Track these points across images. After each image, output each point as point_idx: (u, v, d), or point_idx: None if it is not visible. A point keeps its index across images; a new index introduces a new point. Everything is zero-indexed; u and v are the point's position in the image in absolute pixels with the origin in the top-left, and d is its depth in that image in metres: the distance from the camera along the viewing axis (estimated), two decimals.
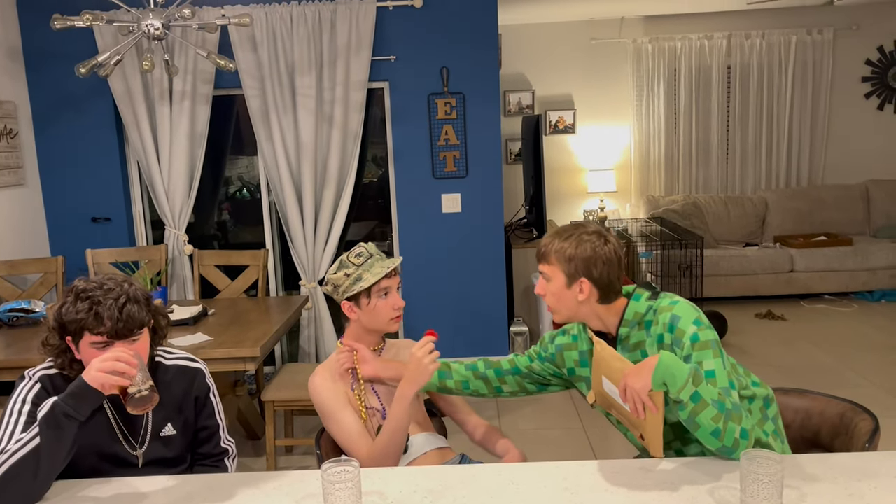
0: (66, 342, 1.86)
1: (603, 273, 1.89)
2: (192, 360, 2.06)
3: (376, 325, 2.14)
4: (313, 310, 4.90)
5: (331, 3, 4.60)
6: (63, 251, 4.88)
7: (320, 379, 2.12)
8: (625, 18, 6.94)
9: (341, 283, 2.11)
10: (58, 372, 1.90)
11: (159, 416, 1.97)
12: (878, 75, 6.98)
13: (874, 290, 6.36)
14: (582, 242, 1.89)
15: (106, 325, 1.78)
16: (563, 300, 1.93)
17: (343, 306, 2.13)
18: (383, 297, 2.12)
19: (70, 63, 4.72)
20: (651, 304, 1.91)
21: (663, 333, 1.85)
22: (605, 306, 1.93)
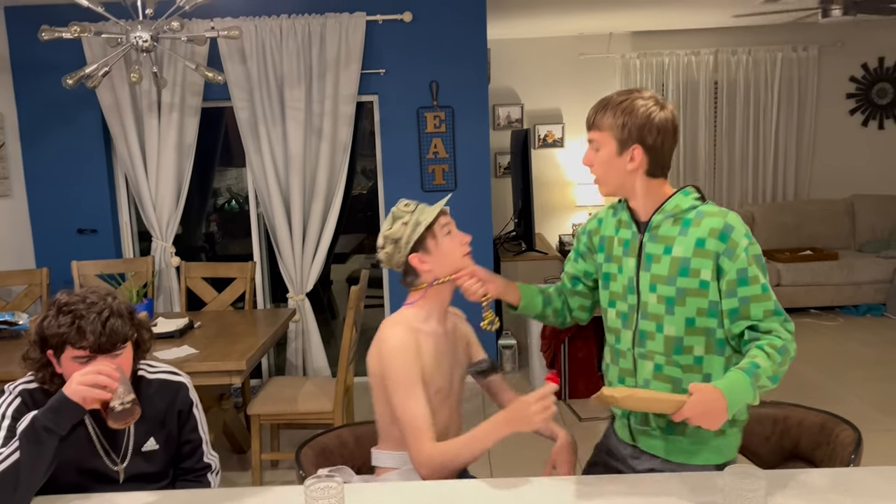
0: (47, 356, 1.84)
1: (657, 141, 1.78)
2: (175, 374, 2.05)
3: (451, 264, 1.96)
4: (301, 322, 4.89)
5: (320, 17, 4.61)
6: (49, 263, 4.84)
7: (402, 341, 1.89)
8: (613, 34, 6.99)
9: (401, 233, 1.94)
10: (38, 386, 1.88)
11: (141, 430, 1.95)
12: (862, 92, 7.06)
13: (859, 305, 6.40)
14: (637, 107, 1.77)
15: (88, 339, 1.76)
16: (612, 169, 1.82)
17: (412, 261, 1.95)
18: (447, 235, 1.97)
19: (58, 74, 4.70)
20: (697, 204, 1.82)
21: (706, 238, 1.75)
22: (649, 181, 1.82)
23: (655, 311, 1.82)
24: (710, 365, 1.81)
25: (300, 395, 3.59)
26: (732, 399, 1.64)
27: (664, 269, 1.80)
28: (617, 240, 1.93)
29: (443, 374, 1.99)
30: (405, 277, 2.01)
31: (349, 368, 3.60)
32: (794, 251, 6.58)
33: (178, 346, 3.41)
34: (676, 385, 1.82)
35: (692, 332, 1.80)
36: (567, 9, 5.61)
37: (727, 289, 1.76)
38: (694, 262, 1.77)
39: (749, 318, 1.75)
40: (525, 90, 7.04)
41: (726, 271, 1.75)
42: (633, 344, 1.88)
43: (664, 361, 1.83)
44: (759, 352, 1.71)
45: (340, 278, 6.19)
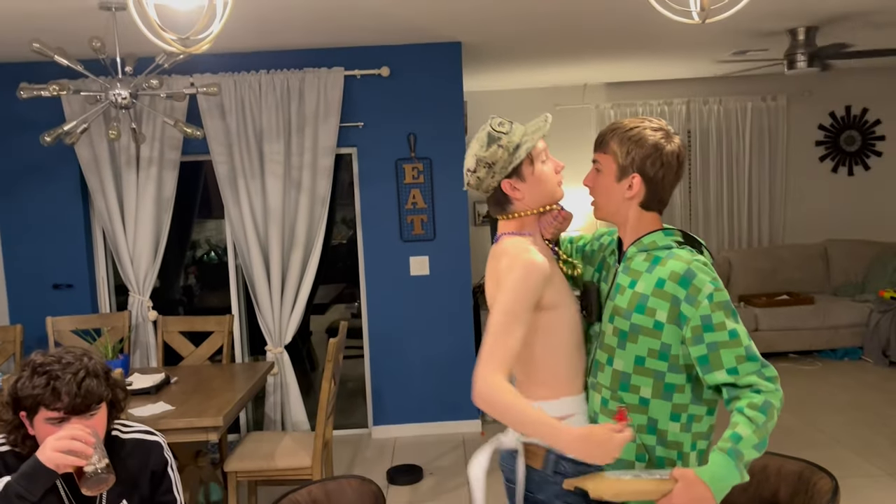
0: (19, 417, 1.81)
1: (658, 174, 1.76)
2: (149, 433, 2.02)
3: (546, 194, 1.83)
4: (279, 375, 4.84)
5: (299, 72, 4.69)
6: (23, 319, 4.78)
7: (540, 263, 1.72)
8: (587, 85, 7.15)
9: (497, 157, 1.77)
10: (10, 449, 1.84)
11: (114, 492, 1.91)
12: (830, 139, 7.24)
13: (837, 349, 6.45)
14: (645, 136, 1.75)
15: (63, 400, 1.74)
16: (609, 194, 1.81)
17: (504, 187, 1.80)
18: (543, 162, 1.83)
19: (37, 130, 4.71)
20: (673, 245, 1.80)
21: (666, 280, 1.72)
22: (643, 213, 1.81)
23: (609, 343, 1.81)
24: (655, 409, 1.77)
25: (278, 451, 3.54)
26: (718, 487, 1.60)
27: (624, 302, 1.79)
28: (606, 263, 1.94)
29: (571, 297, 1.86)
30: (493, 203, 1.86)
31: (328, 422, 3.56)
32: (771, 296, 6.65)
33: (153, 402, 3.36)
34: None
35: (640, 372, 1.76)
36: (542, 61, 5.75)
37: (692, 335, 1.70)
38: (651, 301, 1.74)
39: (722, 368, 1.68)
40: None
41: (689, 318, 1.70)
42: (588, 372, 1.88)
43: (610, 396, 1.80)
44: (741, 418, 1.65)
45: (320, 329, 6.16)
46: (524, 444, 1.81)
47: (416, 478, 4.30)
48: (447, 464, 4.52)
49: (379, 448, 4.88)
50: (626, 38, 5.00)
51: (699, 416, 1.80)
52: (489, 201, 1.86)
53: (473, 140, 1.82)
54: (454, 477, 4.32)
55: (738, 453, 1.61)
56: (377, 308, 5.00)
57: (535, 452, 1.78)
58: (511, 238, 1.82)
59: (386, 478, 4.33)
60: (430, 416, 5.03)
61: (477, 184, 1.82)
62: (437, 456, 4.65)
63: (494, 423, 5.19)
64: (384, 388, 5.04)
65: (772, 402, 1.67)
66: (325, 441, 3.51)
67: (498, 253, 1.80)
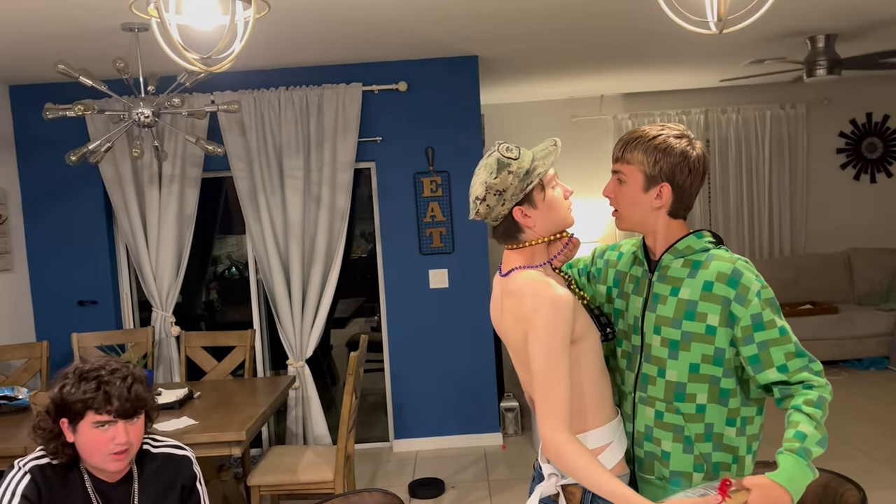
0: (59, 425, 1.84)
1: (687, 181, 1.74)
2: (179, 448, 2.06)
3: (558, 220, 1.76)
4: (301, 389, 4.86)
5: (318, 88, 4.74)
6: (49, 336, 4.85)
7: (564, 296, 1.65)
8: (604, 96, 7.16)
9: (508, 184, 1.69)
10: (48, 462, 1.88)
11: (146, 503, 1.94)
12: (851, 146, 7.18)
13: (863, 358, 6.37)
14: (671, 145, 1.73)
15: (114, 404, 1.79)
16: (636, 204, 1.77)
17: (515, 214, 1.73)
18: (553, 187, 1.77)
19: (61, 150, 4.81)
20: (710, 247, 1.77)
21: (713, 282, 1.71)
22: (671, 221, 1.79)
23: (658, 355, 1.77)
24: (712, 415, 1.76)
25: (300, 465, 3.56)
26: (796, 489, 1.59)
27: (670, 311, 1.75)
28: (629, 276, 1.89)
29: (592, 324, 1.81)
30: (502, 234, 1.77)
31: (349, 436, 3.57)
32: (794, 306, 6.59)
33: (177, 417, 3.39)
34: (678, 433, 1.77)
35: (696, 379, 1.74)
36: (558, 74, 5.77)
37: (743, 335, 1.69)
38: (701, 306, 1.72)
39: (773, 367, 1.68)
40: None
41: (739, 318, 1.69)
42: (634, 388, 1.84)
43: (665, 408, 1.77)
44: (800, 416, 1.64)
45: (340, 343, 6.18)
46: (562, 487, 1.78)
47: (438, 491, 4.30)
48: (469, 477, 4.51)
49: (400, 461, 4.88)
50: (642, 50, 5.01)
51: (751, 418, 1.80)
52: (497, 231, 1.78)
53: (480, 167, 1.74)
54: (476, 490, 4.31)
55: (807, 452, 1.61)
56: (397, 321, 5.02)
57: (574, 493, 1.76)
58: (525, 273, 1.74)
59: (408, 491, 4.33)
60: (451, 429, 5.03)
61: (486, 212, 1.72)
62: (459, 469, 4.64)
63: (515, 435, 5.17)
64: (405, 402, 5.05)
65: (825, 397, 1.67)
66: (347, 455, 3.51)
67: (516, 291, 1.71)
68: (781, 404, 1.73)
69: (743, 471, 1.81)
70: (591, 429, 1.75)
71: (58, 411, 1.83)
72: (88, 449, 1.83)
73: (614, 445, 1.77)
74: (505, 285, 1.78)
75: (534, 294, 1.66)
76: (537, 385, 1.64)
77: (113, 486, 1.91)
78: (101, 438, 1.81)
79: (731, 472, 1.79)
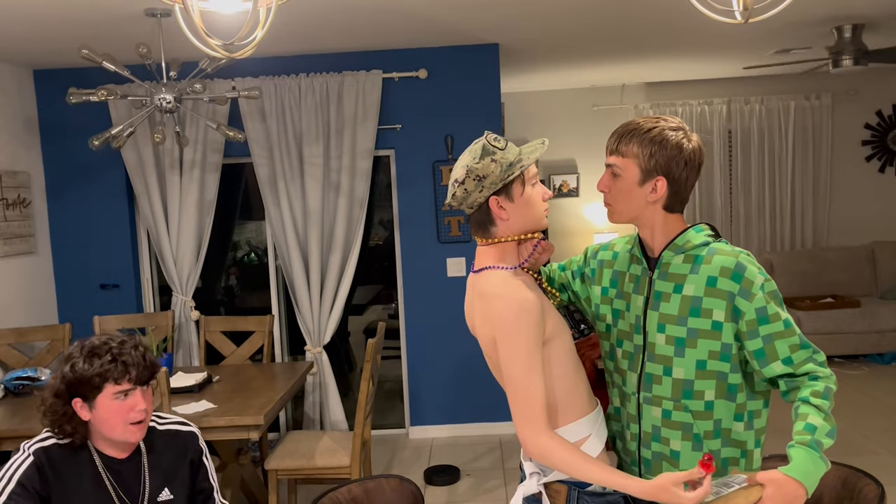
0: (72, 406, 1.86)
1: (683, 175, 1.71)
2: (184, 424, 2.10)
3: (532, 220, 1.73)
4: (318, 375, 4.90)
5: (338, 75, 4.74)
6: (71, 318, 4.92)
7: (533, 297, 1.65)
8: (626, 85, 7.09)
9: (490, 171, 1.66)
10: (54, 442, 1.90)
11: (156, 482, 1.98)
12: (877, 139, 7.07)
13: (885, 353, 6.29)
14: (667, 137, 1.70)
15: (131, 373, 1.86)
16: (630, 198, 1.74)
17: (491, 204, 1.70)
18: (534, 185, 1.74)
19: (84, 135, 4.85)
20: (709, 241, 1.75)
21: (717, 277, 1.69)
22: (665, 216, 1.76)
23: (664, 353, 1.75)
24: (720, 410, 1.74)
25: (317, 450, 3.59)
26: (810, 482, 1.58)
27: (674, 309, 1.73)
28: (628, 275, 1.86)
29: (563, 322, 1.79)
30: (476, 223, 1.75)
31: (366, 422, 3.59)
32: (815, 299, 6.52)
33: (196, 400, 3.43)
34: (687, 431, 1.75)
35: (703, 376, 1.72)
36: (580, 62, 5.72)
37: (748, 329, 1.68)
38: (706, 302, 1.70)
39: (778, 359, 1.68)
40: None
41: (744, 312, 1.68)
42: (638, 388, 1.81)
43: (673, 406, 1.75)
44: (809, 408, 1.64)
45: (358, 330, 6.21)
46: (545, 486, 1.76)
47: (454, 478, 4.32)
48: (484, 465, 4.52)
49: (416, 448, 4.90)
50: (666, 39, 4.95)
51: (758, 412, 1.79)
52: (471, 219, 1.76)
53: (465, 152, 1.72)
54: (491, 478, 4.32)
55: (818, 444, 1.61)
56: (414, 309, 5.03)
57: (559, 491, 1.74)
58: (494, 274, 1.72)
59: (423, 478, 4.35)
60: (467, 417, 5.04)
61: (463, 197, 1.70)
62: (475, 457, 4.66)
63: None
64: (421, 389, 5.07)
65: (831, 387, 1.67)
66: (363, 441, 3.54)
67: (485, 293, 1.70)
68: (787, 397, 1.72)
69: (751, 465, 1.80)
70: (568, 423, 1.74)
71: (70, 391, 1.85)
72: (109, 422, 1.86)
73: (593, 438, 1.76)
74: (476, 285, 1.76)
75: (501, 298, 1.65)
76: (511, 390, 1.64)
77: (122, 463, 1.94)
78: (122, 408, 1.86)
79: (740, 466, 1.78)
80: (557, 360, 1.72)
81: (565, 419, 1.74)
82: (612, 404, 1.94)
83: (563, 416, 1.74)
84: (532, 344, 1.62)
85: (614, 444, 1.95)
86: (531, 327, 1.62)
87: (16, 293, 4.62)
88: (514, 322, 1.62)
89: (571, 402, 1.74)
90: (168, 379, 2.97)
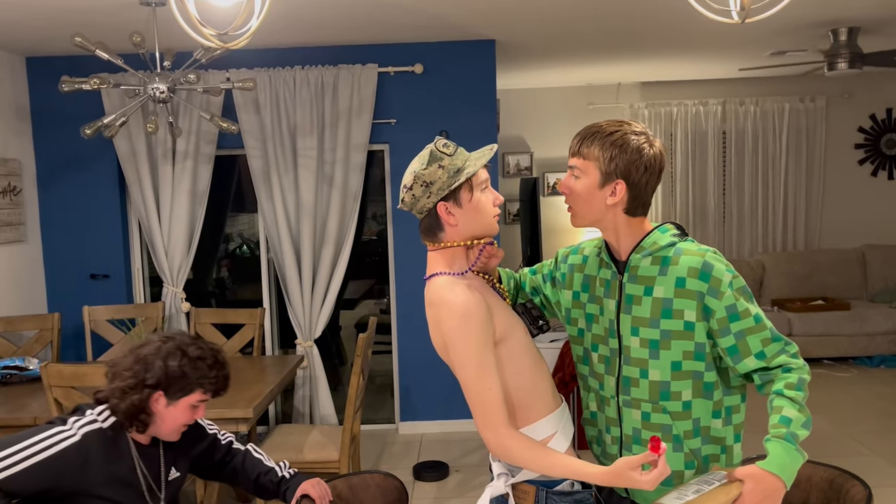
0: (150, 397, 1.90)
1: (643, 179, 1.70)
2: None
3: (481, 225, 1.72)
4: (308, 369, 4.88)
5: (333, 68, 4.72)
6: (60, 308, 4.89)
7: (476, 300, 1.65)
8: (622, 84, 7.10)
9: (436, 177, 1.66)
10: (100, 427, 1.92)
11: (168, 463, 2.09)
12: (871, 142, 7.10)
13: (873, 356, 6.33)
14: (628, 141, 1.69)
15: (218, 390, 2.00)
16: (590, 201, 1.73)
17: (439, 209, 1.69)
18: (483, 191, 1.73)
19: (76, 123, 4.82)
20: (675, 241, 1.75)
21: (686, 278, 1.69)
22: (627, 220, 1.75)
23: (639, 356, 1.75)
24: (698, 409, 1.75)
25: (306, 444, 3.58)
26: (788, 475, 1.59)
27: (646, 311, 1.73)
28: (598, 280, 1.85)
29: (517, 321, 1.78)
30: (425, 228, 1.74)
31: (356, 416, 3.59)
32: (806, 301, 6.55)
33: None
34: (666, 432, 1.75)
35: (679, 377, 1.73)
36: (576, 60, 5.72)
37: (719, 327, 1.69)
38: (676, 303, 1.70)
39: (751, 354, 1.69)
40: (534, 139, 7.12)
41: (714, 310, 1.68)
42: (616, 391, 1.81)
43: (651, 409, 1.76)
44: (783, 401, 1.66)
45: (349, 324, 6.20)
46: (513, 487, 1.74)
47: (443, 474, 4.32)
48: (473, 461, 4.53)
49: (405, 444, 4.90)
50: (662, 38, 4.95)
51: (736, 406, 1.80)
52: (421, 225, 1.75)
53: (416, 158, 1.72)
54: (480, 475, 4.33)
55: (794, 436, 1.62)
56: (406, 304, 5.02)
57: (527, 491, 1.73)
58: (438, 281, 1.70)
59: (412, 474, 4.35)
60: (457, 413, 5.04)
61: (412, 202, 1.69)
62: (464, 453, 4.66)
63: None
64: (412, 385, 5.06)
65: (804, 378, 1.69)
66: (352, 435, 3.53)
67: (431, 301, 1.70)
68: (762, 390, 1.73)
69: (732, 460, 1.81)
70: (532, 422, 1.73)
71: (161, 384, 1.90)
72: (172, 421, 1.96)
73: (559, 435, 1.75)
74: (427, 293, 1.75)
75: (445, 305, 1.65)
76: (467, 393, 1.64)
77: (148, 448, 2.03)
78: (189, 414, 1.97)
79: (721, 462, 1.79)
80: (512, 358, 1.71)
81: (529, 418, 1.73)
82: (589, 409, 1.93)
83: (526, 415, 1.73)
84: (481, 345, 1.62)
85: (591, 446, 1.95)
86: (478, 329, 1.62)
87: (5, 282, 4.59)
88: (459, 326, 1.62)
89: (533, 400, 1.73)
90: None
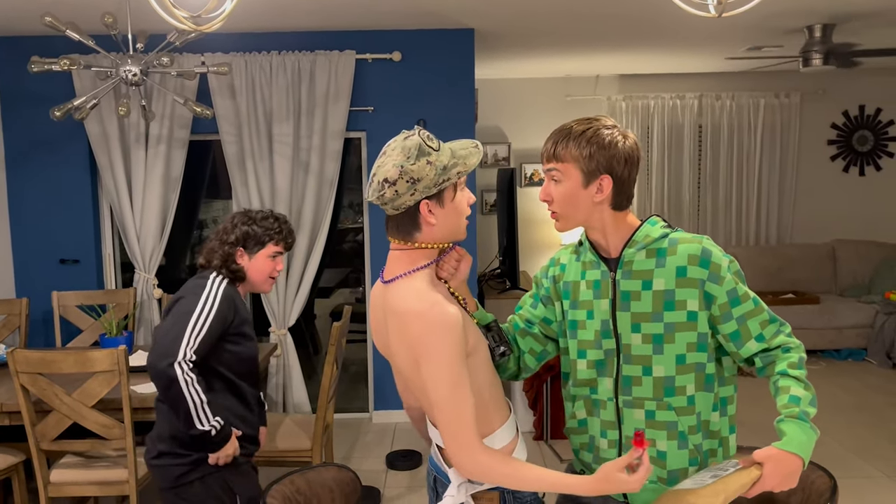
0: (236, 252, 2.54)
1: (625, 171, 1.68)
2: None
3: (457, 228, 1.65)
4: (282, 357, 4.86)
5: (310, 54, 4.67)
6: (29, 293, 4.80)
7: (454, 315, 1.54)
8: (600, 76, 7.11)
9: (424, 175, 1.55)
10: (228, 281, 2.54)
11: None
12: (843, 138, 7.19)
13: (841, 349, 6.43)
14: (603, 136, 1.67)
15: (288, 241, 2.62)
16: (577, 202, 1.70)
17: (422, 208, 1.59)
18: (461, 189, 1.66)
19: (46, 104, 4.71)
20: (667, 231, 1.74)
21: (687, 266, 1.68)
22: (614, 215, 1.73)
23: (641, 353, 1.72)
24: (701, 403, 1.73)
25: (279, 433, 3.56)
26: (806, 453, 1.60)
27: (647, 306, 1.70)
28: (584, 283, 1.80)
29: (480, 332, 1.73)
30: (397, 225, 1.63)
31: (329, 405, 3.57)
32: (777, 294, 6.63)
33: None
34: (672, 429, 1.72)
35: (683, 370, 1.71)
36: (555, 51, 5.72)
37: (721, 313, 1.69)
38: (678, 294, 1.68)
39: (752, 337, 1.70)
40: (512, 129, 7.12)
41: (715, 296, 1.68)
42: (615, 392, 1.77)
43: (656, 406, 1.72)
44: (788, 381, 1.67)
45: (324, 313, 6.17)
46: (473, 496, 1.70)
47: (415, 463, 4.32)
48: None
49: (379, 433, 4.89)
50: (640, 30, 4.96)
51: (730, 398, 1.81)
52: (391, 221, 1.63)
53: (394, 148, 1.59)
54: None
55: (806, 414, 1.63)
56: None
57: (491, 499, 1.70)
58: (409, 286, 1.61)
59: (385, 462, 4.35)
60: None
61: (392, 198, 1.56)
62: None
63: None
64: (386, 374, 5.05)
65: (803, 356, 1.72)
66: (325, 424, 3.52)
67: (401, 310, 1.59)
68: (764, 372, 1.74)
69: (728, 452, 1.80)
70: (494, 430, 1.70)
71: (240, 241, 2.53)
72: (260, 272, 2.57)
73: (519, 440, 1.75)
74: (388, 298, 1.65)
75: (420, 317, 1.54)
76: (442, 414, 1.56)
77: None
78: (270, 265, 2.59)
79: (718, 457, 1.78)
80: (479, 369, 1.65)
81: (492, 426, 1.70)
82: (576, 418, 1.87)
83: (490, 424, 1.69)
84: (456, 362, 1.53)
85: (578, 455, 1.91)
86: (455, 345, 1.53)
87: None
88: (438, 343, 1.52)
89: (495, 409, 1.71)
90: (127, 357, 2.91)
